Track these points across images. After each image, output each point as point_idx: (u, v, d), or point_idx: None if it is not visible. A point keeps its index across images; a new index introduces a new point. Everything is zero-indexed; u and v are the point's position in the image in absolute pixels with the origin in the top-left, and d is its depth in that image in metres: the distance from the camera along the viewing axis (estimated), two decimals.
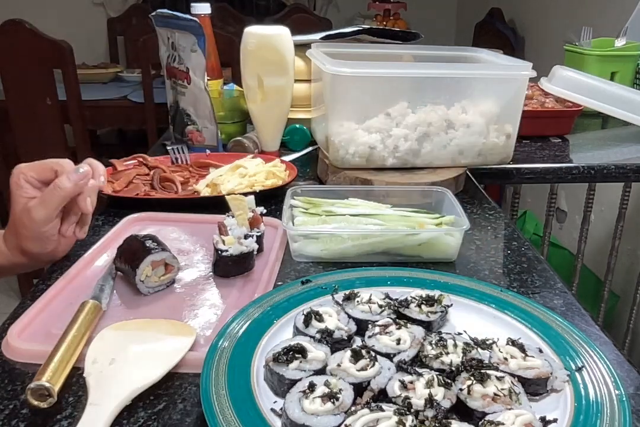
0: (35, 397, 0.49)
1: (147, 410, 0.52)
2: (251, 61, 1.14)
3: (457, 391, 0.50)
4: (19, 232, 0.71)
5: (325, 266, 0.78)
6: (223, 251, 0.72)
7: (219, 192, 0.96)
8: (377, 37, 1.37)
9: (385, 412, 0.46)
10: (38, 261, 0.75)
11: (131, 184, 0.99)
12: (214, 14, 1.30)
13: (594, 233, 1.85)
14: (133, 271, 0.68)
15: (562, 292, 0.72)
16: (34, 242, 0.72)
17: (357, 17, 4.06)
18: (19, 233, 0.71)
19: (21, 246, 0.72)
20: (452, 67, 1.05)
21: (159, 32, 1.21)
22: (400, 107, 1.04)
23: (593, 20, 2.09)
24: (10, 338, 0.58)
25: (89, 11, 3.94)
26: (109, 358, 0.55)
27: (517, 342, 0.56)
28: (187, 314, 0.66)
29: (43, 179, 0.72)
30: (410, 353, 0.54)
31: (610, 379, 0.52)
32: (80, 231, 0.76)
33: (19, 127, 2.26)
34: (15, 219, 0.71)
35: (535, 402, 0.52)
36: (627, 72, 1.66)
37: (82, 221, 0.76)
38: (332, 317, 0.59)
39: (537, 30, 3.10)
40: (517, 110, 1.11)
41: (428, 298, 0.62)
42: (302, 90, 1.28)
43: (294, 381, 0.50)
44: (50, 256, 0.75)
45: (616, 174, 1.22)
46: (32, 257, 0.74)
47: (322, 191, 0.89)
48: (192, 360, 0.56)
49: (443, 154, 1.07)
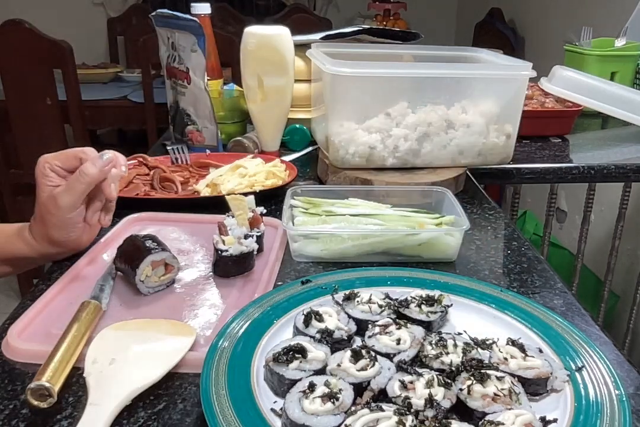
0: (35, 397, 0.49)
1: (147, 410, 0.52)
2: (251, 61, 1.14)
3: (457, 391, 0.50)
4: (45, 219, 0.72)
5: (325, 266, 0.78)
6: (223, 251, 0.72)
7: (219, 192, 0.96)
8: (377, 37, 1.37)
9: (385, 412, 0.46)
10: (64, 248, 0.76)
11: (131, 184, 0.99)
12: (214, 14, 1.30)
13: (594, 233, 1.85)
14: (133, 271, 0.68)
15: (562, 292, 0.72)
16: (60, 229, 0.72)
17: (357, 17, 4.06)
18: (45, 221, 0.72)
19: (47, 234, 0.73)
20: (452, 67, 1.05)
21: (159, 32, 1.21)
22: (400, 107, 1.04)
23: (593, 20, 2.09)
24: (10, 338, 0.58)
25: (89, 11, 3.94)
26: (109, 358, 0.55)
27: (517, 342, 0.56)
28: (187, 314, 0.66)
29: (68, 168, 0.73)
30: (410, 353, 0.54)
31: (610, 379, 0.52)
32: (105, 218, 0.77)
33: (19, 127, 2.26)
34: (41, 207, 0.72)
35: (535, 402, 0.52)
36: (627, 72, 1.66)
37: (107, 208, 0.77)
38: (332, 317, 0.59)
39: (537, 30, 3.10)
40: (517, 110, 1.11)
41: (428, 298, 0.62)
42: (302, 90, 1.28)
43: (294, 381, 0.50)
44: (75, 243, 0.76)
45: (616, 174, 1.22)
46: (59, 245, 0.75)
47: (322, 191, 0.89)
48: (192, 360, 0.56)
49: (443, 154, 1.07)
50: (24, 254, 0.76)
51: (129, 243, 0.72)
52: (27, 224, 0.76)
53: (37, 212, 0.73)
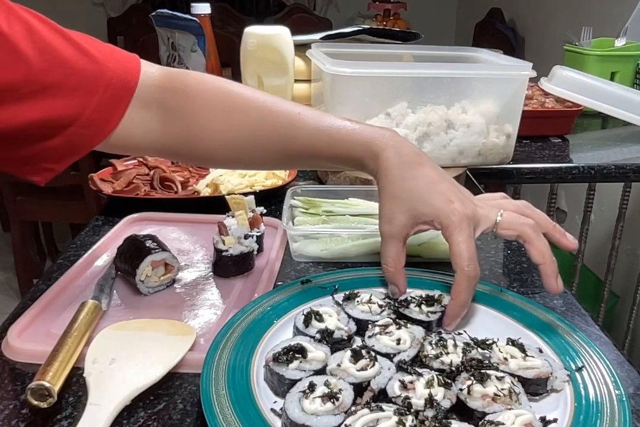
0: (35, 397, 0.49)
1: (147, 410, 0.52)
2: (251, 61, 1.14)
3: (457, 391, 0.50)
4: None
5: (325, 266, 0.78)
6: (223, 251, 0.72)
7: (219, 192, 0.96)
8: (377, 37, 1.37)
9: (385, 412, 0.46)
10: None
11: (131, 184, 0.99)
12: (214, 14, 1.30)
13: (594, 233, 1.85)
14: (133, 271, 0.68)
15: (562, 292, 0.72)
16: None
17: (357, 17, 4.06)
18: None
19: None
20: (452, 67, 1.05)
21: (159, 32, 1.22)
22: (400, 107, 1.04)
23: (593, 20, 2.09)
24: (10, 338, 0.58)
25: (89, 11, 3.94)
26: (109, 358, 0.55)
27: (517, 342, 0.55)
28: (187, 314, 0.66)
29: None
30: (410, 353, 0.54)
31: (610, 379, 0.52)
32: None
33: None
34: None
35: (535, 402, 0.52)
36: (627, 72, 1.66)
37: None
38: (332, 317, 0.59)
39: (537, 30, 3.10)
40: (517, 110, 1.11)
41: (428, 298, 0.62)
42: (302, 90, 1.28)
43: (294, 381, 0.50)
44: None
45: (616, 174, 1.22)
46: None
47: (322, 191, 0.89)
48: (192, 360, 0.56)
49: (443, 154, 1.07)
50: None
51: (129, 243, 0.71)
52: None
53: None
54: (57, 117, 0.59)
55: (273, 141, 0.67)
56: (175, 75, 0.67)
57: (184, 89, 0.66)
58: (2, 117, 0.56)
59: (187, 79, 0.67)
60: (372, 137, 0.65)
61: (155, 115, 0.65)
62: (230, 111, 0.66)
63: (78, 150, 0.62)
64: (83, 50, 0.60)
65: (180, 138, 0.66)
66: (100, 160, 2.15)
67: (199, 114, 0.66)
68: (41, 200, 2.30)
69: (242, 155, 0.69)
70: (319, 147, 0.66)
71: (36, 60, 0.56)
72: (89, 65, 0.60)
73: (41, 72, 0.57)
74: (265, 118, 0.66)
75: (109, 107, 0.62)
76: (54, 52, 0.58)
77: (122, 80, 0.62)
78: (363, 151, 0.65)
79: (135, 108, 0.64)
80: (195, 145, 0.67)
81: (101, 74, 0.61)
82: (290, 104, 0.68)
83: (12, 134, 0.58)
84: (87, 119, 0.60)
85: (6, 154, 0.61)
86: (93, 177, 0.97)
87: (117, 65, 0.62)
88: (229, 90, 0.67)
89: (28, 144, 0.60)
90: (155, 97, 0.65)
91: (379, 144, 0.64)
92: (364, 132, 0.65)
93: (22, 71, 0.56)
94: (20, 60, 0.55)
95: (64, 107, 0.59)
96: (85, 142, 0.62)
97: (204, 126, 0.66)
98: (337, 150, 0.66)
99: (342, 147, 0.65)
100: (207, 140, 0.67)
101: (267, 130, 0.67)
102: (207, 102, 0.66)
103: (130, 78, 0.63)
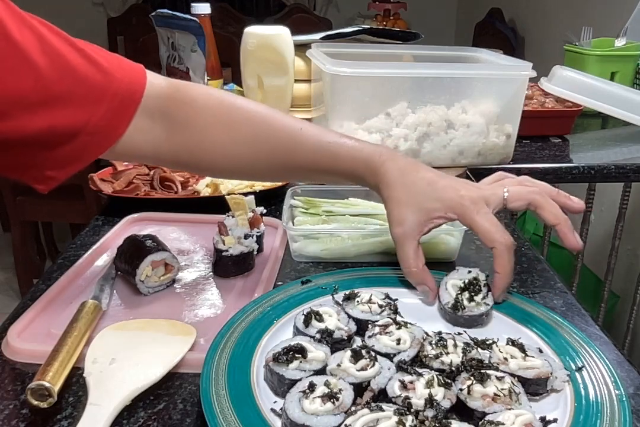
0: (35, 397, 0.49)
1: (147, 410, 0.52)
2: (251, 61, 1.14)
3: (457, 391, 0.50)
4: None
5: (325, 266, 0.78)
6: (223, 251, 0.72)
7: (219, 192, 0.96)
8: (377, 37, 1.37)
9: (385, 412, 0.46)
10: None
11: (131, 184, 0.99)
12: (214, 14, 1.30)
13: (594, 233, 1.84)
14: (133, 271, 0.68)
15: (562, 292, 0.72)
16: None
17: (357, 17, 4.06)
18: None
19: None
20: (452, 67, 1.05)
21: (159, 32, 1.22)
22: (400, 107, 1.04)
23: (593, 20, 2.09)
24: (10, 338, 0.58)
25: (89, 11, 3.94)
26: (109, 358, 0.55)
27: (517, 342, 0.55)
28: (187, 314, 0.66)
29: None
30: (410, 353, 0.54)
31: (610, 379, 0.52)
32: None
33: None
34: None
35: (535, 402, 0.52)
36: (627, 72, 1.65)
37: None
38: (332, 317, 0.59)
39: (537, 30, 3.10)
40: (517, 110, 1.11)
41: (470, 284, 0.63)
42: (302, 90, 1.28)
43: (294, 381, 0.50)
44: None
45: (616, 174, 1.22)
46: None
47: (322, 191, 0.89)
48: (192, 360, 0.56)
49: (443, 154, 1.07)
50: None
51: (129, 243, 0.71)
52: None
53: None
54: (65, 126, 0.59)
55: (274, 155, 0.69)
56: (181, 87, 0.68)
57: (189, 101, 0.67)
58: (11, 125, 0.56)
59: (192, 91, 0.68)
60: (371, 155, 0.68)
61: (160, 125, 0.66)
62: (233, 124, 0.68)
63: (82, 158, 0.63)
64: (91, 60, 0.61)
65: (183, 148, 0.67)
66: (100, 160, 2.15)
67: (202, 126, 0.67)
68: (41, 200, 2.30)
69: (243, 167, 0.70)
70: (320, 163, 0.69)
71: (47, 69, 0.57)
72: (97, 75, 0.60)
73: (51, 81, 0.57)
74: (268, 132, 0.68)
75: (115, 116, 0.62)
76: (64, 62, 0.58)
77: (129, 89, 0.63)
78: (363, 168, 0.68)
79: (140, 117, 0.64)
80: (198, 156, 0.68)
81: (109, 83, 0.61)
82: (292, 120, 0.70)
83: (19, 141, 0.58)
84: (93, 128, 0.61)
85: (10, 161, 0.61)
86: (93, 177, 0.97)
87: (124, 75, 0.63)
88: (233, 103, 0.69)
89: (34, 151, 0.60)
90: (160, 107, 0.65)
91: (377, 161, 0.67)
92: (364, 150, 0.68)
93: (33, 79, 0.56)
94: (31, 68, 0.56)
95: (72, 116, 0.59)
96: (90, 151, 0.63)
97: (206, 138, 0.67)
98: (338, 166, 0.68)
99: (343, 164, 0.68)
100: (210, 152, 0.68)
101: (269, 145, 0.68)
102: (211, 114, 0.67)
103: (136, 88, 0.64)
